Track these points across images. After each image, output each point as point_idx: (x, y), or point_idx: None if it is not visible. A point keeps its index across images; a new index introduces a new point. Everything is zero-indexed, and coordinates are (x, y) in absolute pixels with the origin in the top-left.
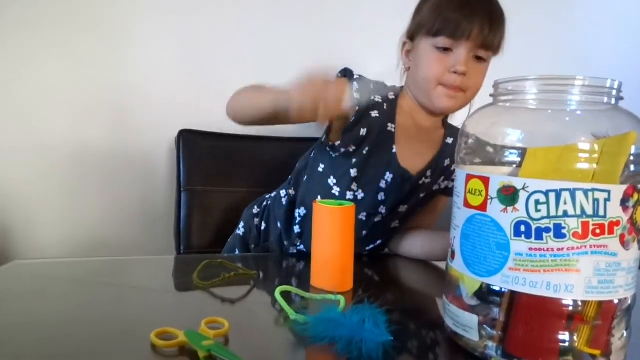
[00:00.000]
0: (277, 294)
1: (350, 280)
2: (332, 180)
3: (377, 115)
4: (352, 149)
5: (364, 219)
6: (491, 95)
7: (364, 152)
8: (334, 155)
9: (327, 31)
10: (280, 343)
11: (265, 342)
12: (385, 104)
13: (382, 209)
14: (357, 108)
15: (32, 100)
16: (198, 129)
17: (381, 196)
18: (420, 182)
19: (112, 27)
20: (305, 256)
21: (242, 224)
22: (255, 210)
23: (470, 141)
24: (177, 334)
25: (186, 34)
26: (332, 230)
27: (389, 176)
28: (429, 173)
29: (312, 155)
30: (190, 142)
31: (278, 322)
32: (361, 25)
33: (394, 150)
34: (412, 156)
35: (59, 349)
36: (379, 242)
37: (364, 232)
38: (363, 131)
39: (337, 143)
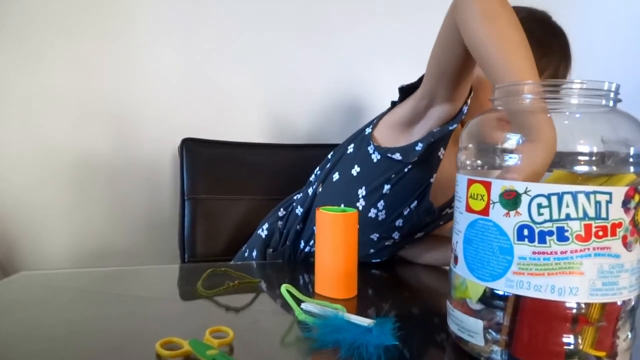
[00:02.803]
0: (283, 290)
1: (354, 286)
2: (361, 191)
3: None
4: (397, 157)
5: (375, 239)
6: (490, 100)
7: (405, 169)
8: (374, 159)
9: (334, 40)
10: (285, 351)
11: (269, 351)
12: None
13: (396, 235)
14: (461, 115)
15: (36, 108)
16: (201, 137)
17: (399, 222)
18: (443, 212)
19: (115, 35)
20: (310, 263)
21: (266, 225)
22: (281, 212)
23: (471, 145)
24: (182, 343)
25: (190, 42)
26: (334, 237)
27: (414, 205)
28: (453, 204)
29: (348, 150)
30: (193, 150)
31: (284, 325)
32: (369, 34)
33: (431, 180)
34: (442, 188)
35: None
36: (385, 258)
37: (372, 251)
38: (420, 146)
39: (385, 145)
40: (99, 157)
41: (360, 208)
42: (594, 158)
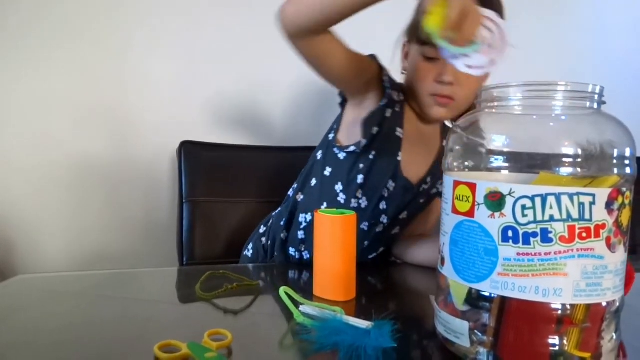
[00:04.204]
0: (281, 292)
1: (353, 289)
2: (338, 187)
3: (389, 116)
4: (359, 149)
5: (365, 229)
6: (477, 102)
7: (370, 156)
8: (341, 157)
9: None
10: (284, 354)
11: (268, 353)
12: (396, 106)
13: (384, 219)
14: (387, 92)
15: (34, 113)
16: (199, 140)
17: (383, 205)
18: (421, 189)
19: (113, 40)
20: (308, 265)
21: (250, 245)
22: (262, 229)
23: (457, 147)
24: (181, 346)
25: (188, 45)
26: (333, 240)
27: (391, 184)
28: (428, 179)
29: (318, 157)
30: (192, 153)
31: (283, 327)
32: (367, 39)
33: (399, 158)
34: (414, 164)
35: None
36: (381, 249)
37: (366, 243)
38: (375, 129)
39: (347, 144)
40: (97, 160)
41: (342, 202)
42: (578, 160)
